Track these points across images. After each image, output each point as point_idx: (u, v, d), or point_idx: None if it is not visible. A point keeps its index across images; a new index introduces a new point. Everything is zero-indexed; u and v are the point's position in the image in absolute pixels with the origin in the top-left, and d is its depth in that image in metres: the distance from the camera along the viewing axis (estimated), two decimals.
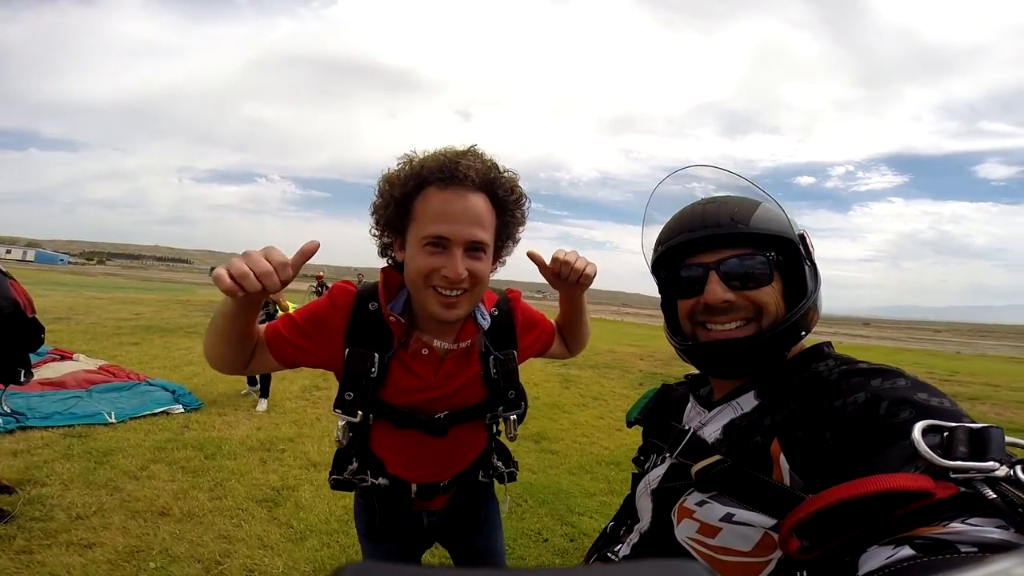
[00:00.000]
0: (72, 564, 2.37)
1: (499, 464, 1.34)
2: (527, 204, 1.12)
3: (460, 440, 1.23)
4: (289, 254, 0.89)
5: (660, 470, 0.83)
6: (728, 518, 0.66)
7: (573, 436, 5.32)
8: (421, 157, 1.03)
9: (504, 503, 1.41)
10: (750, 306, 0.74)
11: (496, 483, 1.38)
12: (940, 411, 0.54)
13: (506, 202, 1.06)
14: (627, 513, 0.97)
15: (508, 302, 1.24)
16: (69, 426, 4.23)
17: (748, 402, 0.74)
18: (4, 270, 2.69)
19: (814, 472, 0.60)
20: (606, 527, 1.03)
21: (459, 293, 1.01)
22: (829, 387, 0.65)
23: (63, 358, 6.54)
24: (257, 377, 5.43)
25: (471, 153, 1.03)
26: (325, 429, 4.89)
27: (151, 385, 5.64)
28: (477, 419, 1.22)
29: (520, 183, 1.08)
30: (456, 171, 0.98)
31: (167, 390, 5.47)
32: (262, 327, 1.13)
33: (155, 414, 4.82)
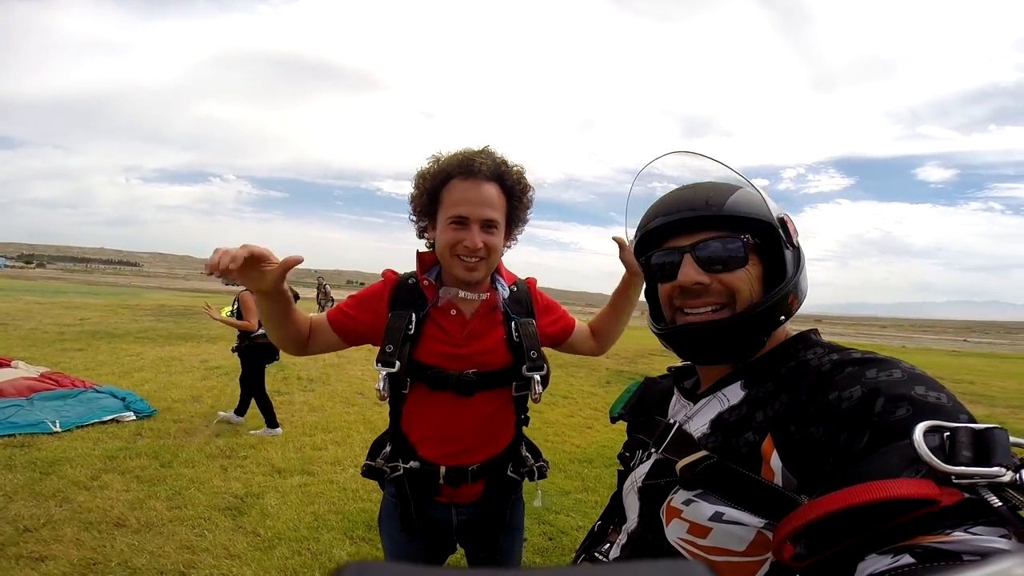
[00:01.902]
0: None
1: (528, 456, 1.41)
2: (532, 192, 1.35)
3: (487, 410, 1.32)
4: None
5: (645, 467, 0.80)
6: (718, 517, 0.63)
7: (544, 435, 5.32)
8: (446, 156, 1.27)
9: (537, 498, 1.48)
10: (724, 290, 0.73)
11: (526, 481, 1.42)
12: (938, 408, 0.51)
13: (513, 189, 1.30)
14: (614, 511, 0.95)
15: (526, 283, 1.45)
16: (9, 435, 3.98)
17: (734, 393, 0.72)
18: None
19: (808, 471, 0.57)
20: (594, 526, 1.01)
21: (477, 260, 1.24)
22: (821, 378, 0.61)
23: (1, 365, 6.12)
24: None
25: (485, 152, 1.28)
26: (288, 436, 4.74)
27: (98, 392, 5.34)
28: (503, 385, 1.33)
29: (525, 178, 1.33)
30: (472, 165, 1.23)
31: (116, 397, 5.19)
32: (316, 315, 1.36)
33: (104, 422, 4.58)
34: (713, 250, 0.73)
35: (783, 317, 0.72)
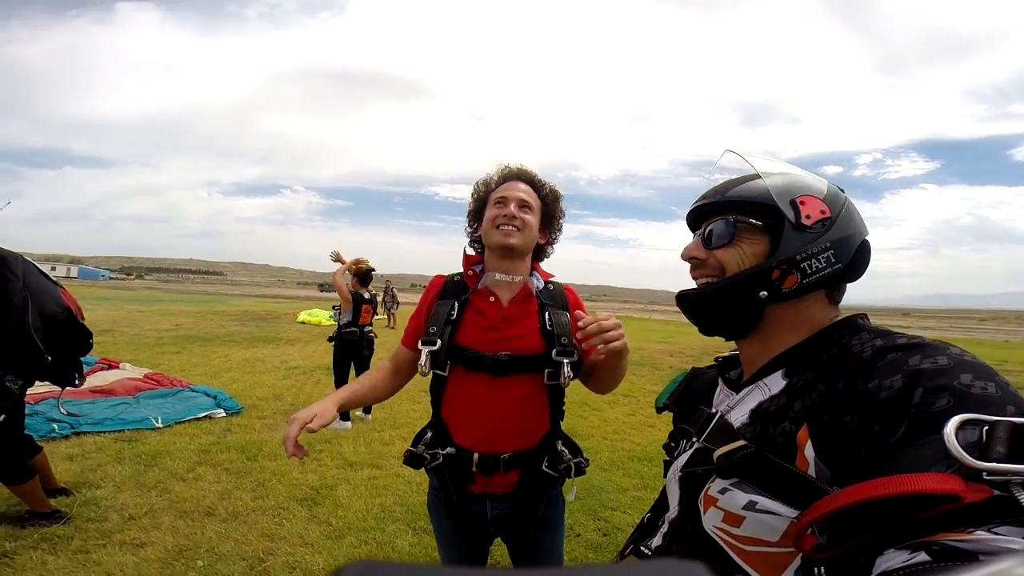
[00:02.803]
0: (125, 563, 2.47)
1: (564, 452, 1.45)
2: (562, 200, 1.56)
3: (520, 394, 1.39)
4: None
5: (686, 456, 0.82)
6: (751, 506, 0.63)
7: (604, 433, 5.30)
8: (494, 175, 1.53)
9: (571, 492, 1.50)
10: (717, 265, 0.77)
11: (565, 478, 1.46)
12: (982, 400, 0.48)
13: (543, 191, 1.52)
14: (663, 503, 0.96)
15: (561, 285, 1.55)
16: (119, 431, 4.42)
17: (776, 383, 0.71)
18: (55, 280, 2.83)
19: (840, 462, 0.56)
20: (643, 518, 1.03)
21: (512, 228, 1.41)
22: (861, 366, 0.59)
23: (110, 367, 6.82)
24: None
25: (520, 167, 1.53)
26: (359, 431, 5.00)
27: (194, 391, 5.84)
28: (535, 370, 1.39)
29: (556, 187, 1.56)
30: (510, 173, 1.51)
31: (209, 395, 5.66)
32: (393, 356, 1.56)
33: (199, 419, 4.99)
34: (712, 230, 0.78)
35: (764, 293, 0.72)
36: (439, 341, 1.38)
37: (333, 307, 5.42)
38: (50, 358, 2.59)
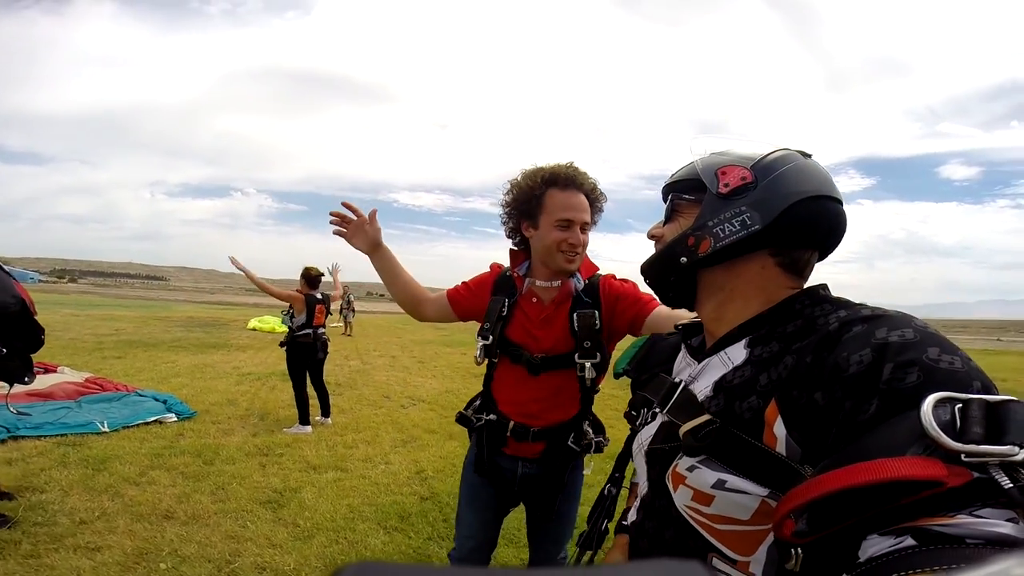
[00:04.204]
0: (82, 567, 2.33)
1: (589, 431, 1.59)
2: (604, 198, 1.60)
3: (552, 385, 1.54)
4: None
5: (651, 428, 0.80)
6: (720, 485, 0.62)
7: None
8: (542, 167, 1.53)
9: (588, 467, 1.67)
10: (664, 241, 0.82)
11: (586, 452, 1.61)
12: (951, 375, 0.48)
13: (596, 199, 1.57)
14: (617, 471, 1.02)
15: (599, 277, 1.61)
16: (61, 435, 4.17)
17: (737, 353, 0.70)
18: (8, 270, 2.66)
19: (812, 440, 0.55)
20: (603, 489, 1.06)
21: (575, 254, 1.50)
22: (828, 339, 0.58)
23: (47, 371, 6.40)
24: (318, 407, 5.35)
25: (574, 168, 1.53)
26: (320, 435, 4.89)
27: (141, 396, 5.57)
28: (567, 367, 1.52)
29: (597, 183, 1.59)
30: (574, 179, 1.51)
31: (158, 400, 5.40)
32: (438, 292, 1.76)
33: (148, 423, 4.76)
34: (666, 210, 0.84)
35: (684, 259, 0.75)
36: (491, 337, 1.56)
37: (283, 312, 5.33)
38: (3, 350, 2.43)
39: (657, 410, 0.79)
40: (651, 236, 0.86)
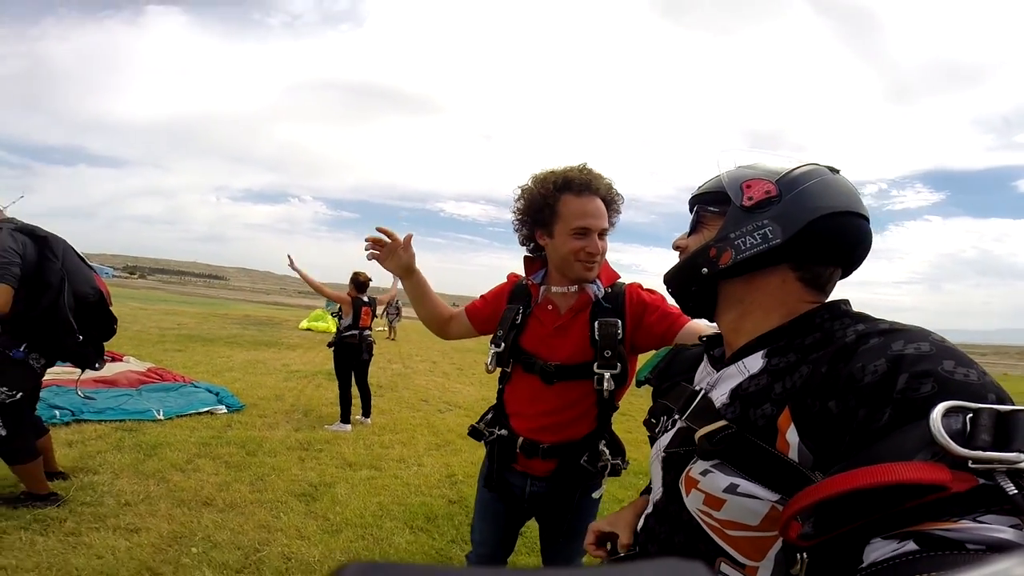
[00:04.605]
0: (117, 547, 2.44)
1: (605, 451, 1.48)
2: (622, 200, 1.52)
3: (567, 398, 1.46)
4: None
5: (668, 435, 0.81)
6: (732, 489, 0.63)
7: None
8: (553, 172, 1.46)
9: (599, 490, 1.56)
10: (687, 252, 0.83)
11: (602, 475, 1.52)
12: (965, 386, 0.48)
13: (612, 201, 1.49)
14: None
15: (623, 286, 1.53)
16: (120, 420, 4.41)
17: (755, 363, 0.70)
18: (90, 264, 2.87)
19: (824, 447, 0.56)
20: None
21: (594, 263, 1.44)
22: (845, 350, 0.58)
23: (114, 359, 6.82)
24: (359, 406, 5.49)
25: (587, 170, 1.46)
26: (359, 434, 4.99)
27: (196, 387, 5.84)
28: (581, 378, 1.44)
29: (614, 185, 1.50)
30: (588, 184, 1.43)
31: (211, 392, 5.65)
32: (458, 308, 1.74)
33: (200, 413, 4.98)
34: (691, 222, 0.85)
35: (705, 269, 0.77)
36: (503, 344, 1.52)
37: (332, 313, 5.53)
38: (80, 337, 2.61)
39: (677, 417, 0.81)
40: (676, 247, 0.87)
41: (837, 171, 0.75)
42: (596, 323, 1.43)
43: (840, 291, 0.76)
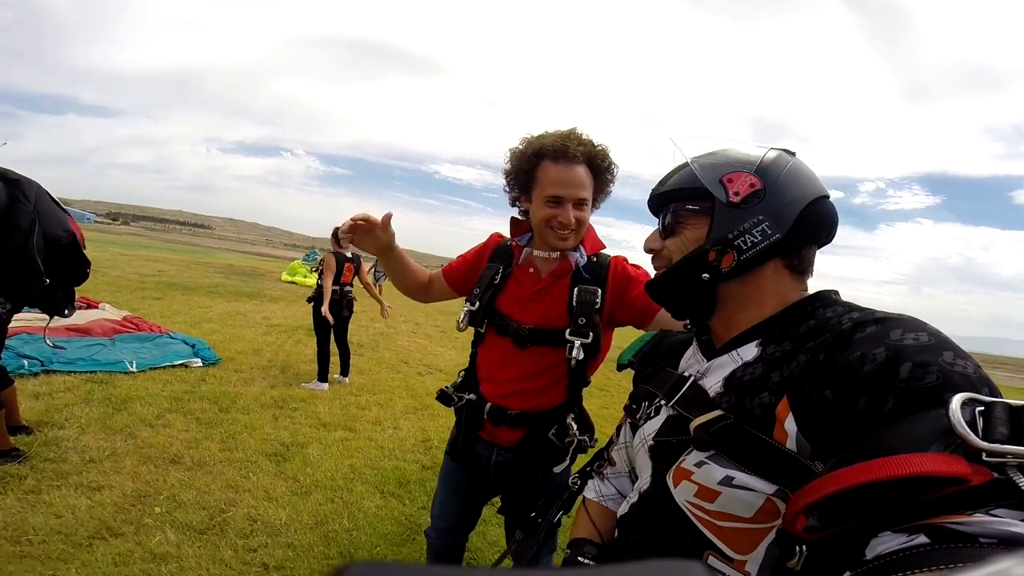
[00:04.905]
0: (79, 505, 2.40)
1: (573, 425, 1.46)
2: (616, 169, 1.46)
3: (539, 365, 1.44)
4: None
5: (655, 423, 0.80)
6: (727, 481, 0.62)
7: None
8: (537, 136, 1.42)
9: (562, 464, 1.50)
10: (667, 255, 0.80)
11: (568, 451, 1.49)
12: (963, 378, 0.48)
13: (600, 168, 1.43)
14: (591, 465, 1.05)
15: (609, 258, 1.50)
16: (91, 372, 4.33)
17: (749, 352, 0.70)
18: (65, 208, 2.74)
19: (822, 436, 0.55)
20: (569, 479, 1.09)
21: (569, 232, 1.40)
22: (841, 338, 0.58)
23: (89, 306, 6.69)
24: (337, 364, 5.42)
25: (574, 135, 1.40)
26: (336, 393, 4.97)
27: (172, 338, 5.73)
28: (554, 344, 1.41)
29: (611, 153, 1.44)
30: (566, 150, 1.36)
31: (187, 344, 5.56)
32: (435, 270, 1.70)
33: (174, 366, 4.91)
34: (664, 222, 0.81)
35: (706, 275, 0.73)
36: (478, 303, 1.49)
37: (311, 268, 5.34)
38: (47, 281, 2.52)
39: (661, 403, 0.79)
40: (649, 249, 0.84)
41: (794, 154, 0.76)
42: (575, 290, 1.41)
43: (823, 285, 0.76)
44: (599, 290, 1.42)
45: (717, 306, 0.77)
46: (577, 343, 1.37)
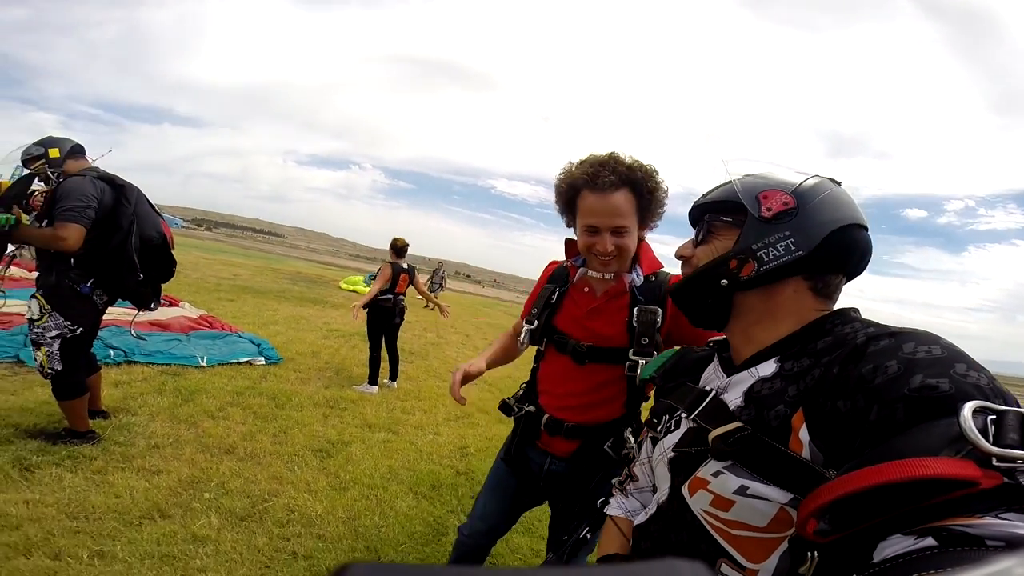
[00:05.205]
0: (136, 487, 2.60)
1: (631, 439, 1.47)
2: (664, 188, 1.43)
3: (596, 380, 1.48)
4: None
5: (675, 436, 0.82)
6: (742, 491, 0.64)
7: None
8: (576, 165, 1.42)
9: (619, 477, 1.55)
10: (695, 262, 0.83)
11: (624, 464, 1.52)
12: (976, 389, 0.49)
13: (643, 190, 1.39)
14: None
15: (667, 276, 1.51)
16: (167, 364, 4.71)
17: (767, 368, 0.72)
18: (159, 211, 3.07)
19: (836, 446, 0.56)
20: (600, 498, 1.11)
21: (609, 259, 1.41)
22: (855, 351, 0.59)
23: (171, 304, 7.27)
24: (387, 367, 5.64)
25: (611, 160, 1.38)
26: (384, 397, 5.16)
27: (240, 337, 6.14)
28: (613, 362, 1.45)
29: (658, 174, 1.41)
30: (600, 182, 1.35)
31: (254, 343, 5.94)
32: (517, 322, 1.71)
33: (240, 363, 5.25)
34: (698, 232, 0.86)
35: (724, 281, 0.77)
36: (536, 322, 1.55)
37: (369, 276, 5.58)
38: (141, 276, 2.84)
39: (682, 415, 0.82)
40: (680, 256, 0.88)
41: (839, 183, 0.78)
42: (635, 310, 1.44)
43: (905, 312, 0.75)
44: (659, 309, 1.43)
45: (733, 316, 0.79)
46: (642, 362, 1.38)
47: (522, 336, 1.58)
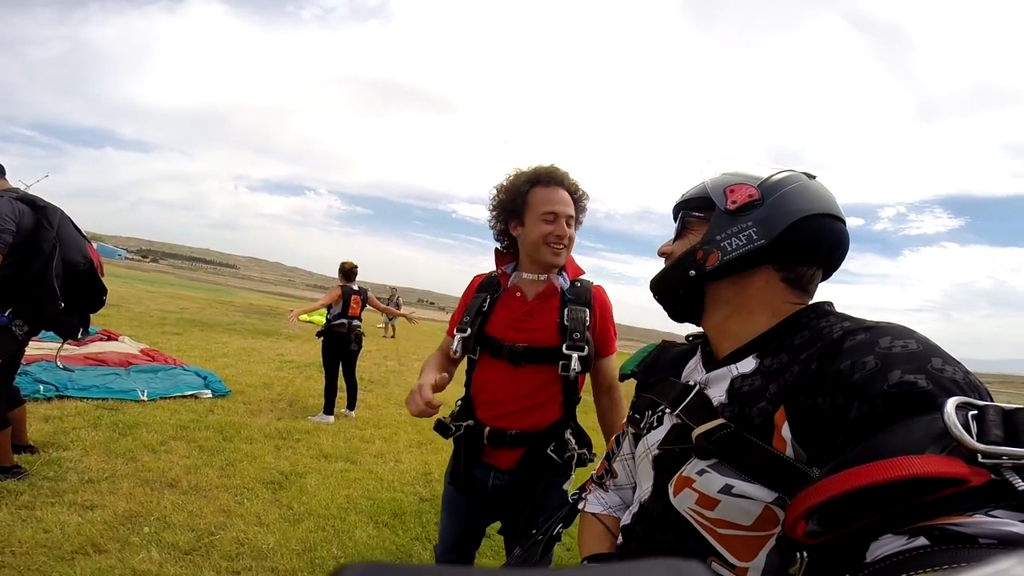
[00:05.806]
0: (68, 522, 2.40)
1: (571, 439, 1.52)
2: (587, 198, 1.63)
3: (534, 383, 1.50)
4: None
5: (659, 432, 0.80)
6: (727, 490, 0.63)
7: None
8: (526, 170, 1.57)
9: (568, 482, 1.54)
10: (673, 257, 0.84)
11: (568, 466, 1.53)
12: (952, 383, 0.49)
13: (578, 198, 1.60)
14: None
15: (591, 284, 1.61)
16: (103, 399, 4.40)
17: (747, 365, 0.72)
18: (86, 235, 2.89)
19: (818, 444, 0.56)
20: (573, 494, 1.10)
21: (562, 247, 1.53)
22: (832, 346, 0.60)
23: (110, 338, 6.87)
24: (343, 397, 5.51)
25: (554, 167, 1.57)
26: (340, 427, 4.96)
27: (185, 370, 5.82)
28: (548, 362, 1.49)
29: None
30: (554, 176, 1.55)
31: (199, 375, 5.63)
32: (444, 339, 1.69)
33: (185, 396, 4.97)
34: (676, 228, 0.87)
35: (692, 272, 0.78)
36: (469, 329, 1.56)
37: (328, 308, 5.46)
38: (63, 305, 2.63)
39: (665, 411, 0.81)
40: (661, 253, 0.89)
41: (814, 177, 0.78)
42: (566, 309, 1.52)
43: (853, 314, 0.75)
44: (587, 310, 1.53)
45: (707, 308, 0.81)
46: (575, 356, 1.45)
47: (455, 345, 1.57)
